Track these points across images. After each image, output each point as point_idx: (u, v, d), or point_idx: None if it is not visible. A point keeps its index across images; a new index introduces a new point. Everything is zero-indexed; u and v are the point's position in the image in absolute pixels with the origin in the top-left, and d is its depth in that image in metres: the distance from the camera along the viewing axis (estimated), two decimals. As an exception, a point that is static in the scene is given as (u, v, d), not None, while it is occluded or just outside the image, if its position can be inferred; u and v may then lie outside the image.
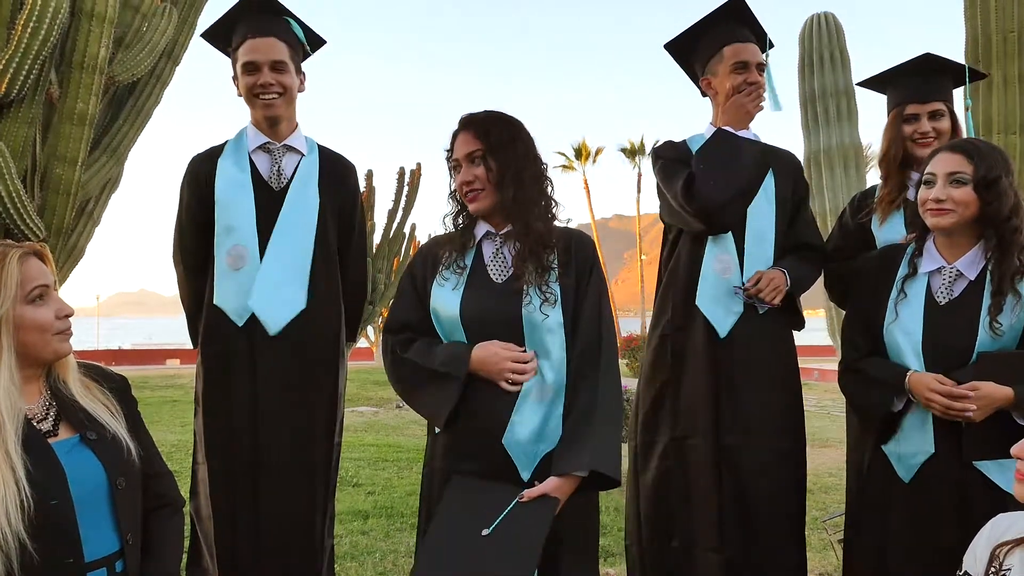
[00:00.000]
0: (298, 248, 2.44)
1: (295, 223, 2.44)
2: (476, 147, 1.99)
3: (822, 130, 6.53)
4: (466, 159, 2.00)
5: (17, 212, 3.66)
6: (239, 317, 2.39)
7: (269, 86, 2.40)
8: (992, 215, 2.02)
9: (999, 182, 2.01)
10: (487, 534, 1.75)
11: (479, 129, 2.00)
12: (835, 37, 6.53)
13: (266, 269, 2.39)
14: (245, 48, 2.41)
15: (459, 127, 2.05)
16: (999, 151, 2.10)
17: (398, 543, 4.50)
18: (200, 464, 2.48)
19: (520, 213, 1.98)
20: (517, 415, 1.91)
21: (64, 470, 1.50)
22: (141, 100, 4.63)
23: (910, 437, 2.12)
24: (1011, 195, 2.02)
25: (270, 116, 2.44)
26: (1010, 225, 2.02)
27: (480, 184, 1.99)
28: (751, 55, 2.53)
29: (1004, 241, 2.03)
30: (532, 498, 1.81)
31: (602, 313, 2.00)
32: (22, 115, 3.73)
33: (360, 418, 11.20)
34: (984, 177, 2.01)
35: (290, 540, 2.43)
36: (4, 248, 1.53)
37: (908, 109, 2.52)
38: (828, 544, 4.39)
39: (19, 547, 1.40)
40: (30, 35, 3.55)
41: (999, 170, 2.02)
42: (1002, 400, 1.97)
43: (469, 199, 2.02)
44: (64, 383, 1.62)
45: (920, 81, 2.54)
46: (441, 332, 2.02)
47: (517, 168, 1.99)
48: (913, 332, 2.11)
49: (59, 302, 1.58)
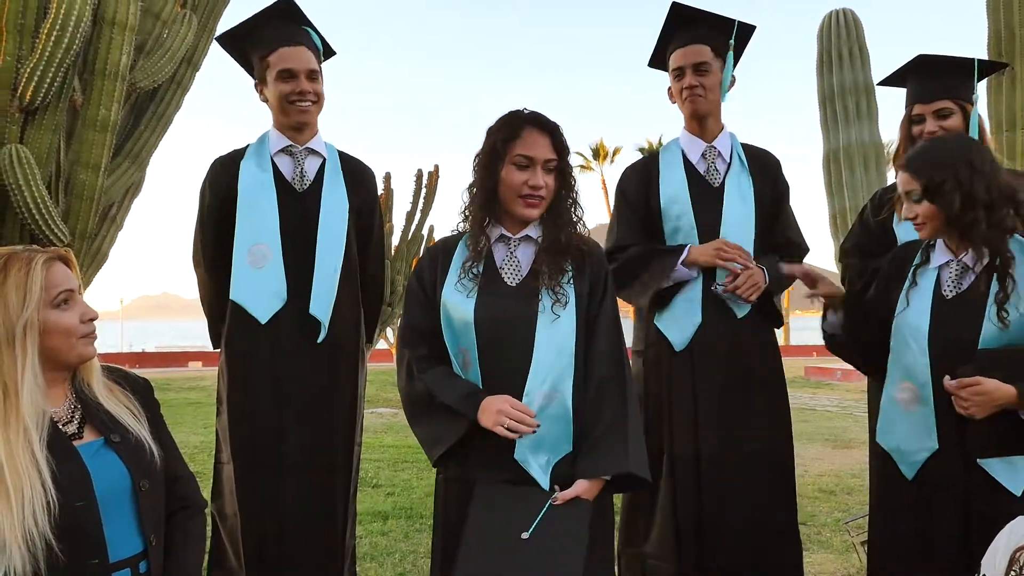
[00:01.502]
0: (336, 249, 2.48)
1: (330, 224, 2.48)
2: (554, 156, 1.98)
3: (841, 128, 6.49)
4: (543, 165, 1.97)
5: (42, 217, 3.72)
6: (263, 315, 2.41)
7: (306, 94, 2.46)
8: (948, 217, 2.02)
9: (943, 185, 2.00)
10: (527, 537, 1.77)
11: (557, 139, 2.00)
12: (854, 33, 6.48)
13: (320, 272, 2.43)
14: (279, 56, 2.45)
15: (533, 124, 1.99)
16: (949, 148, 2.08)
17: (417, 544, 4.52)
18: (225, 464, 2.50)
19: (559, 222, 2.00)
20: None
21: (89, 472, 1.52)
22: (162, 106, 4.70)
23: (912, 434, 2.10)
24: (955, 195, 1.99)
25: (303, 122, 2.50)
26: (964, 220, 2.00)
27: (546, 193, 1.99)
28: (688, 58, 2.57)
29: (965, 237, 2.03)
30: (565, 500, 1.83)
31: (618, 324, 2.03)
32: (46, 122, 3.80)
33: (380, 419, 11.24)
34: (927, 188, 2.02)
35: (315, 540, 2.46)
36: (30, 253, 1.55)
37: (915, 110, 2.51)
38: (850, 546, 4.35)
39: (46, 548, 1.42)
40: (54, 44, 3.61)
41: (943, 172, 2.00)
42: (1005, 398, 1.94)
43: (531, 203, 1.98)
44: (89, 386, 1.64)
45: (922, 81, 2.52)
46: (452, 337, 1.99)
47: (571, 181, 2.04)
48: (919, 326, 2.09)
49: (84, 306, 1.60)
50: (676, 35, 2.62)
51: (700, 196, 2.59)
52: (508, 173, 1.97)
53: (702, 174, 2.62)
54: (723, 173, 2.62)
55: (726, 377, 2.51)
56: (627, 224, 2.70)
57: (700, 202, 2.58)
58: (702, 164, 2.63)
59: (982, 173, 1.99)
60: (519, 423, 1.83)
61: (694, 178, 2.62)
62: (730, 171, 2.62)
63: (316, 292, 2.43)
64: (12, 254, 1.54)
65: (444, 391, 1.93)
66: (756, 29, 2.66)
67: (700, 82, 2.56)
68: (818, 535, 4.56)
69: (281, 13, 2.49)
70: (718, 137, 2.65)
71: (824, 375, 18.00)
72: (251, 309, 2.41)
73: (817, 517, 4.98)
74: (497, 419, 1.83)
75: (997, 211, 1.99)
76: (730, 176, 2.61)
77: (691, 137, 2.67)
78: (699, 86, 2.56)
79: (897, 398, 2.12)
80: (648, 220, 2.66)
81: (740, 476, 2.48)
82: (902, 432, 2.11)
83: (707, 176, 2.62)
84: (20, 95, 3.65)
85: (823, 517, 4.99)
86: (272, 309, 2.41)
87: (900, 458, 2.12)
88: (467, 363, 1.97)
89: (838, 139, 6.53)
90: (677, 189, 2.61)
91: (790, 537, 2.56)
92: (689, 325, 2.53)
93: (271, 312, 2.41)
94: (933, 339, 2.05)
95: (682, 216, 2.59)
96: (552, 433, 1.90)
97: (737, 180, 2.60)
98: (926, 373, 2.05)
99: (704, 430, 2.49)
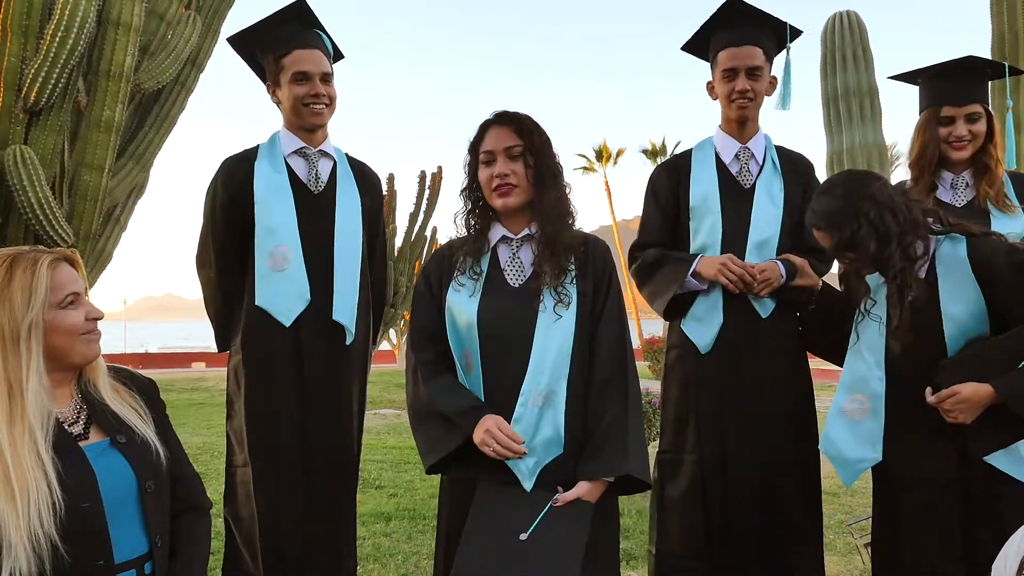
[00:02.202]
0: (355, 251, 2.50)
1: (348, 226, 2.49)
2: (516, 142, 1.98)
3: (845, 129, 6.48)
4: (504, 152, 1.98)
5: (47, 218, 3.72)
6: (286, 318, 2.40)
7: (320, 96, 2.46)
8: (871, 259, 2.08)
9: (853, 238, 2.05)
10: (525, 538, 1.77)
11: (521, 126, 2.00)
12: (858, 35, 6.47)
13: (340, 278, 2.44)
14: (293, 59, 2.45)
15: (494, 121, 2.03)
16: (843, 194, 2.10)
17: (420, 545, 4.52)
18: (240, 467, 2.48)
19: (548, 215, 1.98)
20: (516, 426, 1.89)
21: (95, 473, 1.53)
22: (166, 107, 4.70)
23: (856, 444, 2.16)
24: (869, 241, 2.04)
25: (317, 124, 2.50)
26: (881, 258, 2.07)
27: (516, 180, 1.98)
28: (741, 60, 2.51)
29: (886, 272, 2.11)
30: (567, 502, 1.83)
31: (623, 323, 2.01)
32: (51, 123, 3.80)
33: (383, 420, 11.24)
34: (837, 246, 2.10)
35: (334, 539, 2.48)
36: (35, 254, 1.55)
37: (944, 111, 2.44)
38: (854, 548, 4.34)
39: (51, 548, 1.42)
40: (58, 44, 3.61)
41: (847, 225, 2.05)
42: (985, 397, 1.98)
43: (501, 192, 1.99)
44: (94, 387, 1.65)
45: (959, 82, 2.46)
46: (456, 337, 1.99)
47: (553, 171, 2.01)
48: (875, 342, 2.16)
49: (89, 306, 1.60)
50: (727, 30, 2.55)
51: (730, 197, 2.56)
52: (480, 172, 2.03)
53: (734, 175, 2.59)
54: (755, 175, 2.58)
55: (751, 378, 2.48)
56: (652, 222, 2.70)
57: (729, 203, 2.55)
58: (735, 165, 2.60)
59: (886, 206, 2.04)
60: (505, 448, 1.83)
61: (725, 178, 2.59)
62: (762, 173, 2.58)
63: (338, 298, 2.43)
64: (18, 254, 1.54)
65: (445, 402, 1.93)
66: (803, 34, 2.62)
67: (752, 87, 2.52)
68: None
69: (296, 15, 2.49)
70: (753, 139, 2.61)
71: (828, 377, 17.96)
72: (275, 313, 2.40)
73: (820, 519, 4.97)
74: (484, 439, 1.84)
75: (908, 238, 2.05)
76: (761, 178, 2.57)
77: (726, 137, 2.63)
78: (751, 91, 2.52)
79: (845, 409, 2.18)
80: (675, 218, 2.64)
81: (764, 477, 2.46)
82: (846, 442, 2.17)
83: (739, 177, 2.59)
84: (24, 96, 3.66)
85: (827, 519, 4.94)
86: (296, 312, 2.40)
87: (841, 465, 2.18)
88: (470, 365, 1.97)
89: (841, 141, 6.52)
90: (707, 188, 2.58)
91: (812, 539, 2.54)
92: (713, 326, 2.51)
93: (295, 314, 2.40)
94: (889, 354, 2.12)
95: (708, 216, 2.56)
96: (544, 435, 1.89)
97: (768, 182, 2.57)
98: (881, 387, 2.12)
99: (729, 431, 2.48)
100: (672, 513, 2.59)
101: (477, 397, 1.94)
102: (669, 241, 2.66)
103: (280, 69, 2.47)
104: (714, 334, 2.51)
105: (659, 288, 2.58)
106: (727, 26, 2.56)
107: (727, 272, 2.43)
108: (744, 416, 2.48)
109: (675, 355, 2.65)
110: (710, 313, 2.52)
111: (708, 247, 2.55)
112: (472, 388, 1.97)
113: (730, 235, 2.53)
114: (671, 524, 2.59)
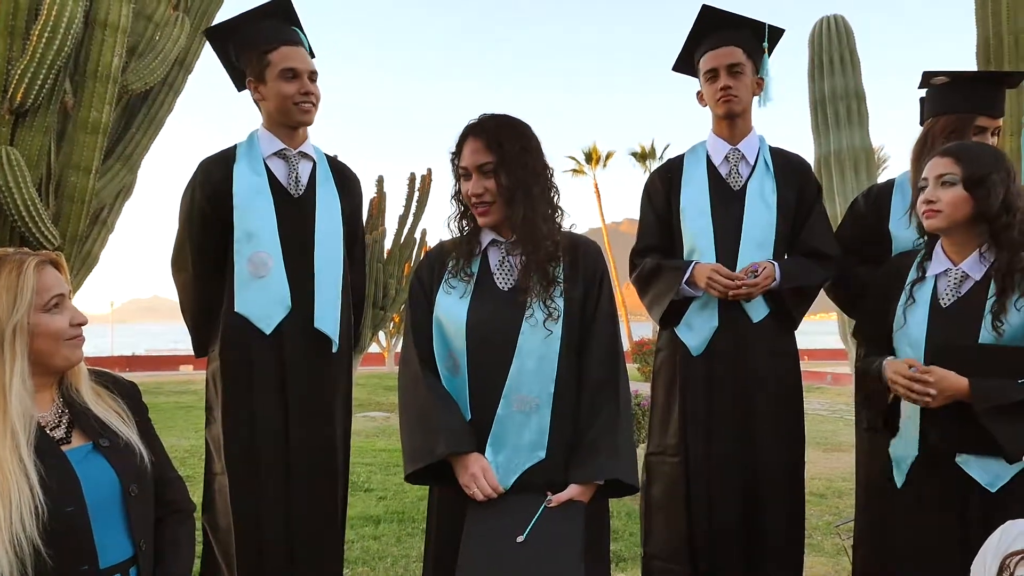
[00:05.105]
0: (336, 257, 2.46)
1: (328, 231, 2.46)
2: (487, 159, 1.92)
3: (832, 133, 6.52)
4: (476, 170, 1.94)
5: (32, 220, 3.70)
6: (267, 325, 2.36)
7: (310, 95, 2.43)
8: (984, 212, 2.04)
9: (987, 179, 2.02)
10: (522, 539, 1.78)
11: (490, 139, 1.93)
12: (845, 40, 6.52)
13: (321, 285, 2.41)
14: (281, 55, 2.39)
15: (467, 133, 1.97)
16: (992, 151, 2.11)
17: (409, 548, 4.51)
18: (218, 475, 2.43)
19: (528, 229, 1.94)
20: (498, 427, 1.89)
21: (78, 477, 1.51)
22: (154, 109, 4.68)
23: (899, 442, 2.14)
24: (1000, 192, 2.02)
25: (304, 123, 2.47)
26: (1001, 221, 2.03)
27: (490, 197, 1.94)
28: (720, 59, 2.54)
29: (996, 237, 2.04)
30: (560, 503, 1.84)
31: (615, 326, 2.00)
32: (37, 124, 3.78)
33: (372, 423, 11.21)
34: (970, 176, 2.03)
35: (323, 544, 2.44)
36: (21, 256, 1.54)
37: (979, 121, 2.46)
38: (841, 549, 4.37)
39: (34, 553, 1.41)
40: (45, 45, 3.59)
41: (988, 168, 2.03)
42: (957, 389, 1.96)
43: (479, 212, 1.97)
44: (77, 391, 1.63)
45: (993, 94, 2.49)
46: (443, 338, 1.98)
47: (527, 183, 1.94)
48: (916, 336, 2.11)
49: (73, 310, 1.59)
50: (706, 38, 2.59)
51: (720, 199, 2.56)
52: (462, 186, 2.00)
53: (723, 177, 2.60)
54: (745, 176, 2.58)
55: (739, 381, 2.50)
56: (649, 227, 2.71)
57: (719, 205, 2.56)
58: (724, 167, 2.60)
59: (1014, 185, 2.04)
60: (486, 495, 1.84)
61: (715, 181, 2.59)
62: (753, 174, 2.58)
63: (320, 306, 2.39)
64: (3, 256, 1.53)
65: (441, 411, 1.90)
66: (785, 32, 2.64)
67: (734, 83, 2.54)
68: (809, 538, 4.57)
69: (279, 12, 2.45)
70: (745, 140, 2.61)
71: (815, 379, 18.06)
72: (256, 320, 2.35)
73: (808, 520, 4.97)
74: (468, 483, 1.85)
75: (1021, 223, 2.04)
76: (753, 180, 2.57)
77: (717, 139, 2.64)
78: (733, 87, 2.54)
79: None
80: (670, 222, 2.65)
81: (748, 480, 2.48)
82: (895, 443, 2.15)
83: (728, 179, 2.59)
84: (11, 97, 3.63)
85: (814, 520, 5.00)
86: (276, 319, 2.36)
87: (894, 466, 2.15)
88: (456, 366, 1.97)
89: (829, 144, 6.56)
90: (697, 191, 2.59)
91: (794, 542, 2.56)
92: (705, 329, 2.52)
93: (275, 322, 2.36)
94: (930, 347, 2.07)
95: (699, 218, 2.56)
96: (525, 439, 1.89)
97: (760, 184, 2.56)
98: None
99: (715, 433, 2.49)
100: (658, 515, 2.60)
101: (465, 422, 1.92)
102: (666, 245, 2.67)
103: (266, 65, 2.40)
104: (706, 337, 2.52)
105: (656, 297, 2.60)
106: (706, 34, 2.61)
107: (714, 284, 2.45)
108: (731, 419, 2.50)
109: (663, 357, 2.66)
110: (704, 317, 2.53)
111: (700, 249, 2.55)
112: (458, 390, 1.96)
113: (722, 237, 2.54)
114: (657, 526, 2.61)
